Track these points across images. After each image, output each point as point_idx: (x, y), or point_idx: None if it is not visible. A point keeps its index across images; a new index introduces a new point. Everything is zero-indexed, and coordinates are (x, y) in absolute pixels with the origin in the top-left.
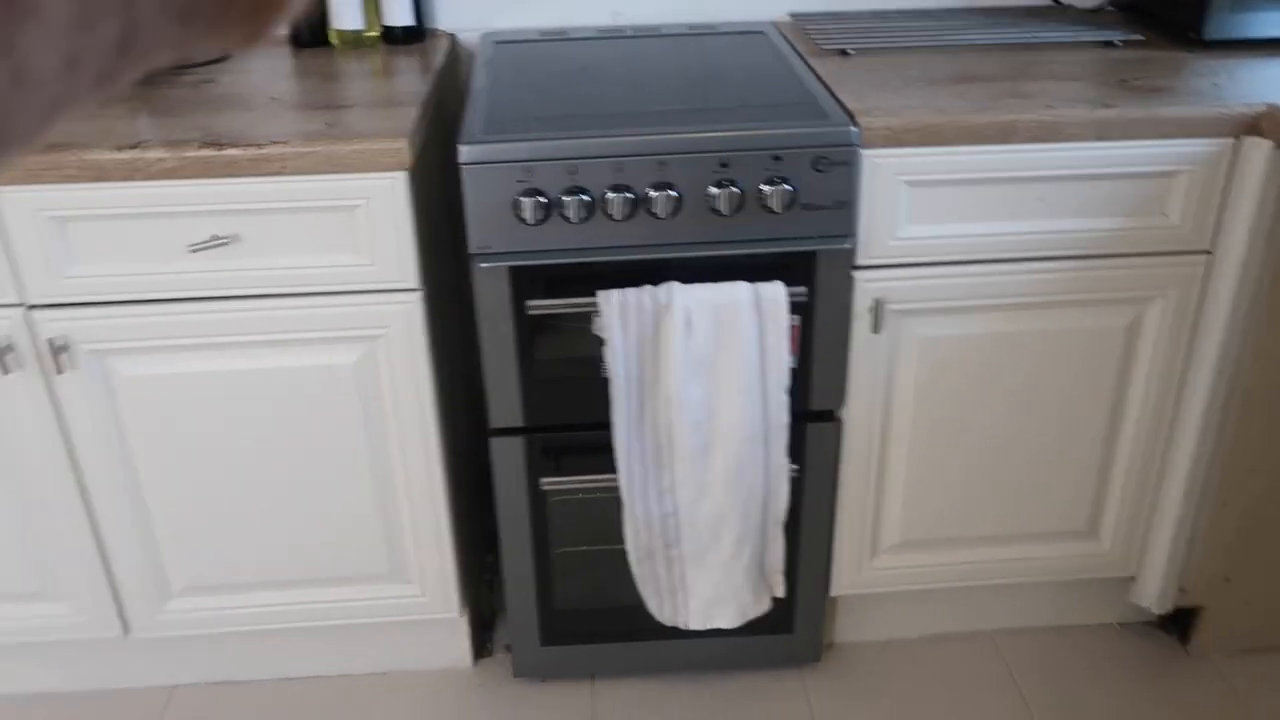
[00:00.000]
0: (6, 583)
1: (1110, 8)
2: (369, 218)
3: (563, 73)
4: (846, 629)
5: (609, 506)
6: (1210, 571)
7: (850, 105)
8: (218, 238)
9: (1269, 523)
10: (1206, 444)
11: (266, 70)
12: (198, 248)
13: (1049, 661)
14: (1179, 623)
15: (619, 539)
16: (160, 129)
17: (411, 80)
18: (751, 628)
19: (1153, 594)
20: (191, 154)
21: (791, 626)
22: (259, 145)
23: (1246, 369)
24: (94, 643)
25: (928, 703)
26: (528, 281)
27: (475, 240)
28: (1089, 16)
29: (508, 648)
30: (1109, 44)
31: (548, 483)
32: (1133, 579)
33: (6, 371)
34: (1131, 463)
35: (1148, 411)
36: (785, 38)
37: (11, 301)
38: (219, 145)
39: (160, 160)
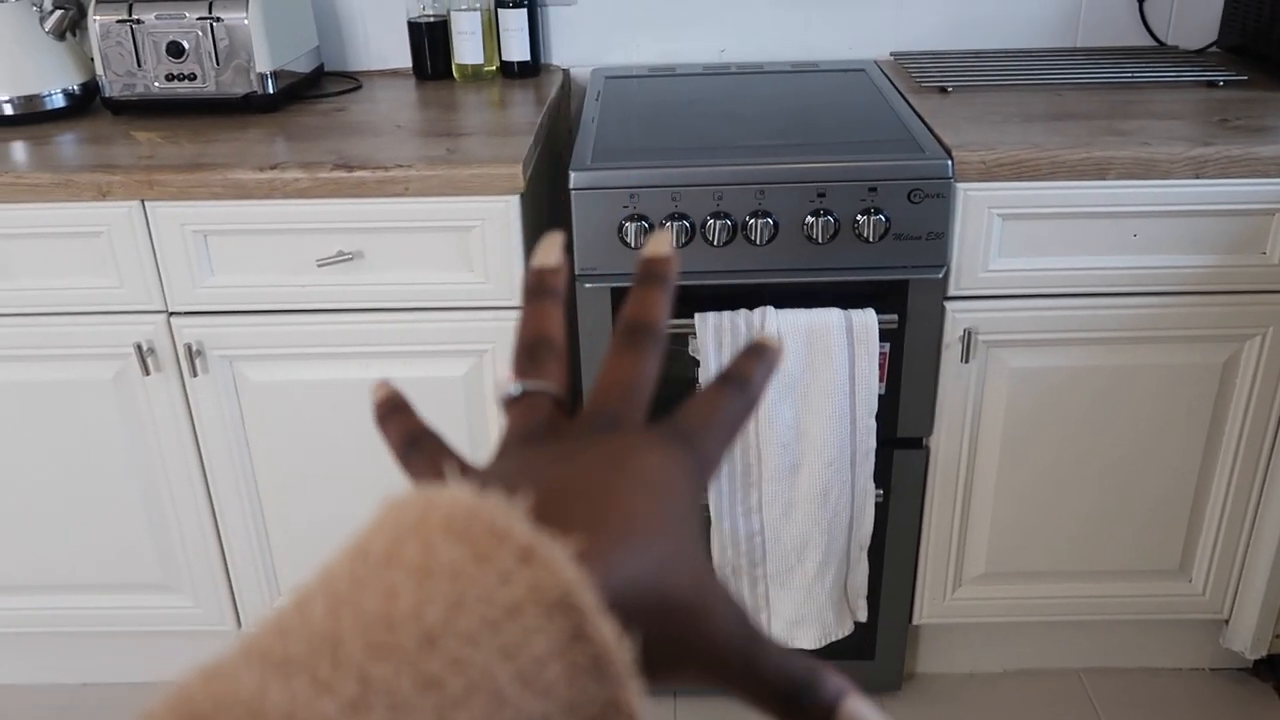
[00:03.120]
0: (135, 572)
1: (1216, 49)
2: (483, 238)
3: (669, 106)
4: (929, 659)
5: None
6: None
7: (946, 139)
8: (343, 253)
9: None
10: None
11: (393, 100)
12: (325, 262)
13: (1137, 703)
14: (1274, 669)
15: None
16: (296, 152)
17: (526, 111)
18: (832, 652)
19: (1245, 638)
20: (324, 175)
21: (873, 653)
22: (385, 168)
23: None
24: (206, 634)
25: None
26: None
27: (581, 262)
28: (1193, 57)
29: None
30: (1212, 84)
31: None
32: (1225, 622)
33: (148, 373)
34: (1225, 502)
35: (1243, 450)
36: (886, 75)
37: (157, 308)
38: (349, 168)
39: (296, 180)
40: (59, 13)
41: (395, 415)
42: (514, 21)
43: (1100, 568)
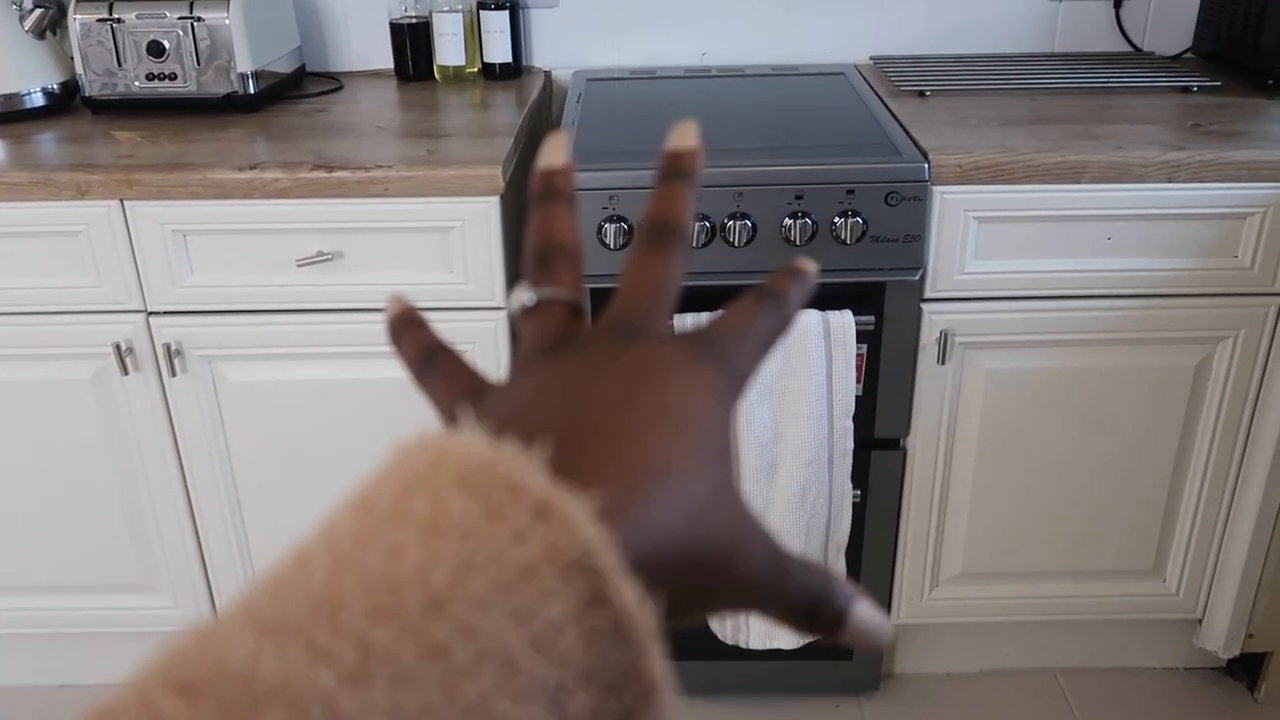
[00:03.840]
0: (114, 573)
1: (1191, 55)
2: (463, 239)
3: (650, 108)
4: (906, 659)
5: None
6: (1279, 615)
7: (923, 143)
8: (323, 254)
9: None
10: (1276, 484)
11: (374, 101)
12: (304, 262)
13: (1113, 702)
14: (1247, 668)
15: None
16: (276, 152)
17: (507, 113)
18: (811, 653)
19: (1219, 637)
20: (304, 175)
21: (850, 654)
22: (365, 169)
23: None
24: None
25: None
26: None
27: None
28: (1169, 63)
29: None
30: (1187, 89)
31: None
32: (1199, 621)
33: (126, 373)
34: (1198, 503)
35: (1215, 451)
36: (865, 79)
37: (136, 308)
38: (329, 168)
39: (276, 180)
40: (39, 11)
41: (409, 331)
42: (496, 23)
43: (1076, 568)
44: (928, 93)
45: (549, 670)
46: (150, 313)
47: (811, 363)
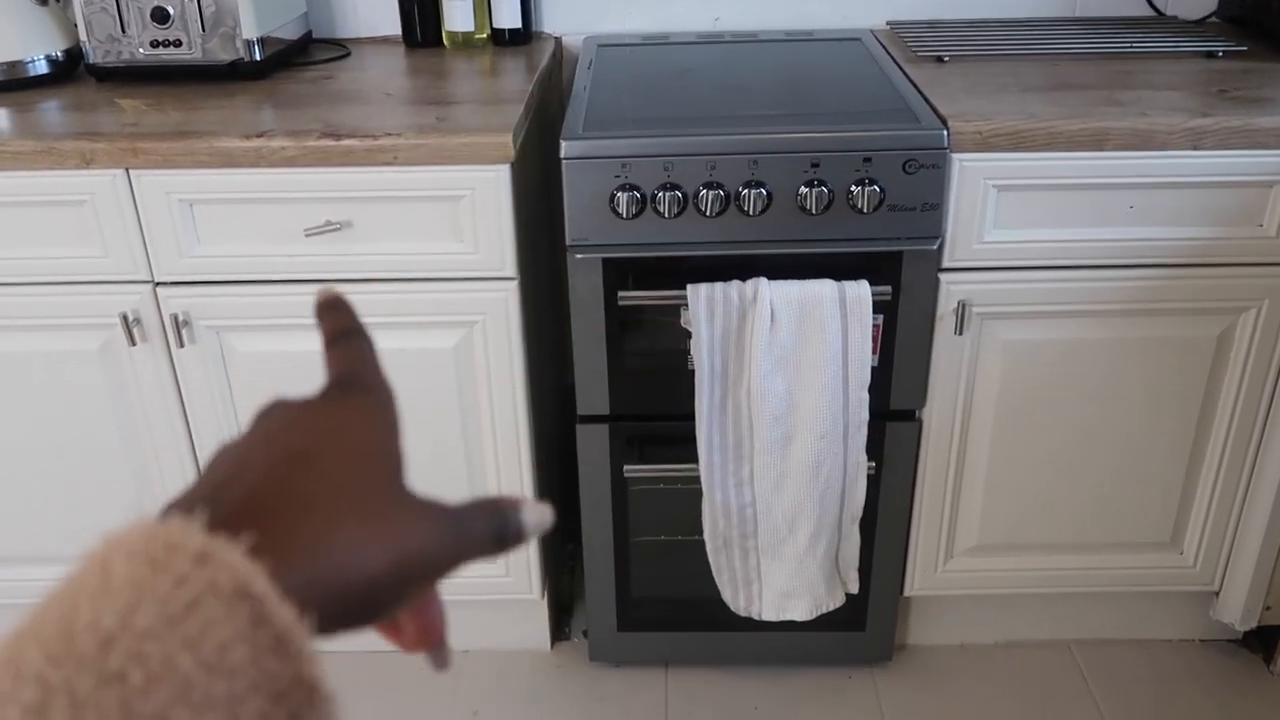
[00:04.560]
0: None
1: (1215, 19)
2: (473, 208)
3: (662, 75)
4: (920, 630)
5: (687, 496)
6: None
7: (942, 109)
8: (331, 223)
9: None
10: None
11: (382, 68)
12: (312, 232)
13: (1127, 674)
14: (1263, 640)
15: (696, 529)
16: (283, 120)
17: (517, 79)
18: (824, 624)
19: (1236, 610)
20: (312, 143)
21: (864, 624)
22: (374, 136)
23: None
24: None
25: (1000, 709)
26: (619, 273)
27: (572, 232)
28: (1192, 27)
29: (585, 633)
30: (1211, 54)
31: (631, 470)
32: (1215, 594)
33: (134, 344)
34: (1217, 475)
35: (1236, 422)
36: (882, 44)
37: (142, 278)
38: (337, 136)
39: (283, 149)
40: None
41: (333, 311)
42: None
43: (1092, 540)
44: (946, 58)
45: (221, 683)
46: (157, 283)
47: (827, 333)
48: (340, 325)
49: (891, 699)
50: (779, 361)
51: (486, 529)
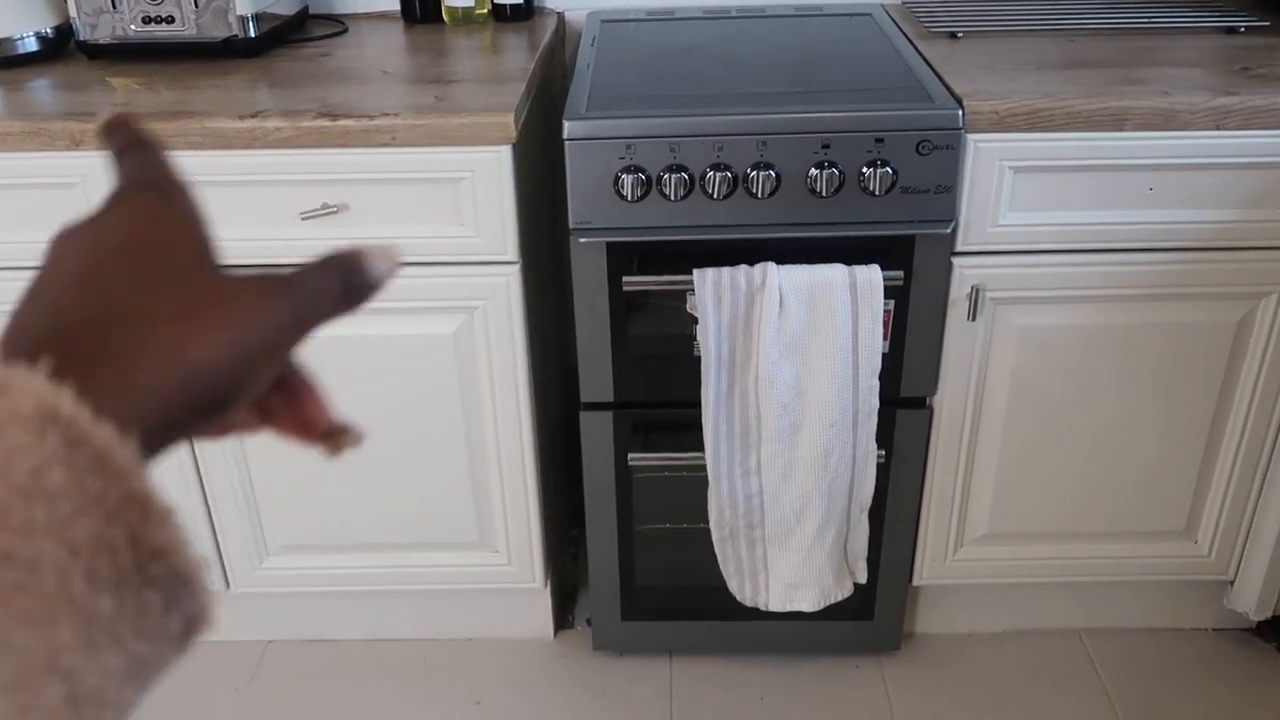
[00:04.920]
0: None
1: None
2: (473, 190)
3: (667, 52)
4: (928, 619)
5: (693, 485)
6: None
7: (956, 88)
8: (328, 206)
9: None
10: None
11: (380, 45)
12: (309, 215)
13: (1138, 663)
14: (1277, 630)
15: (702, 518)
16: (278, 100)
17: (519, 57)
18: (831, 613)
19: (1251, 600)
20: (308, 124)
21: (871, 613)
22: (371, 117)
23: None
24: None
25: (1009, 698)
26: (624, 258)
27: (575, 215)
28: (1213, 1)
29: (588, 621)
30: (1233, 30)
31: (635, 458)
32: (1230, 583)
33: None
34: (1234, 462)
35: (1255, 409)
36: (893, 20)
37: None
38: (333, 116)
39: (278, 129)
40: None
41: (119, 129)
42: None
43: (1105, 529)
44: (959, 34)
45: (40, 507)
46: None
47: (837, 319)
48: (126, 139)
49: (899, 688)
50: (788, 348)
51: (332, 286)
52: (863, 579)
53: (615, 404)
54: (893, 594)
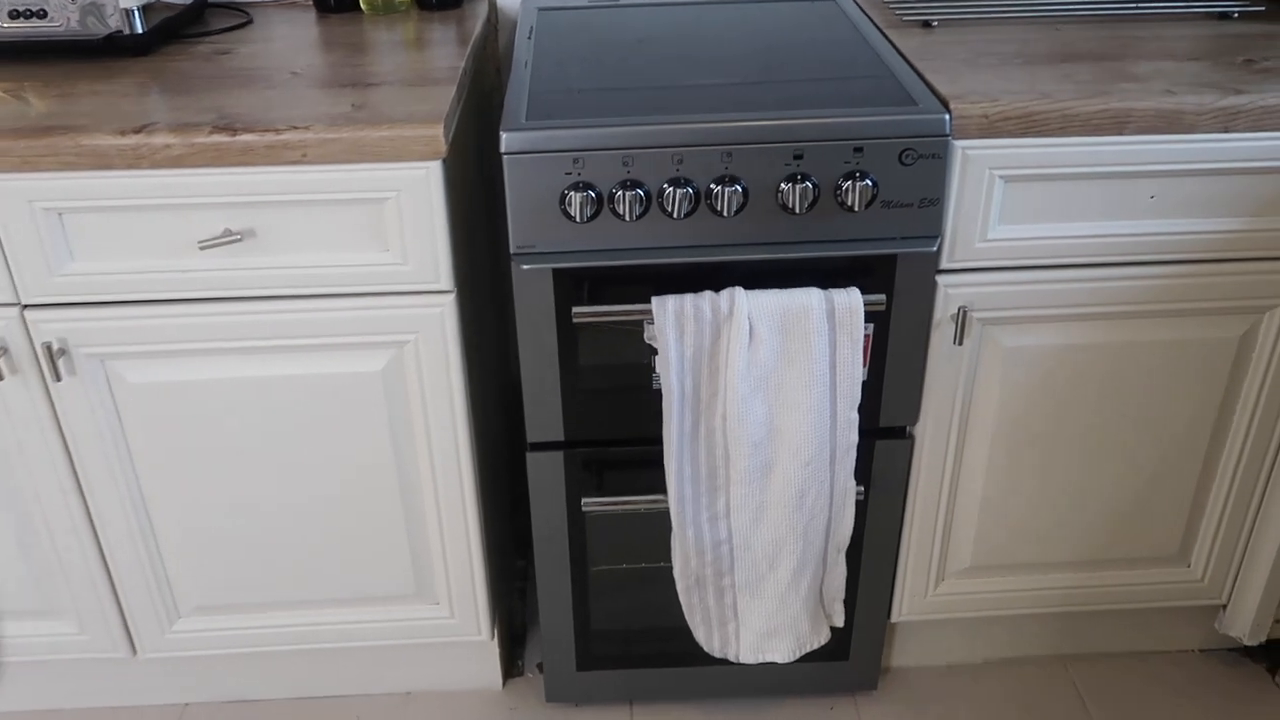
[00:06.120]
0: (9, 599)
1: None
2: (399, 211)
3: (615, 45)
4: (905, 652)
5: (654, 522)
6: None
7: (941, 88)
8: (230, 233)
9: None
10: None
11: (289, 39)
12: (208, 244)
13: (1125, 689)
14: (1267, 651)
15: (663, 556)
16: (169, 110)
17: (447, 53)
18: (805, 655)
19: (1245, 624)
20: (202, 140)
21: (847, 654)
22: (277, 130)
23: None
24: (101, 661)
25: None
26: (573, 285)
27: (517, 239)
28: None
29: (540, 667)
30: (1225, 15)
31: (589, 503)
32: (1223, 607)
33: (1, 377)
34: (1231, 483)
35: (1254, 430)
36: (860, 7)
37: (7, 300)
38: (233, 130)
39: (167, 147)
40: None
41: None
42: None
43: (1095, 556)
44: (934, 23)
45: None
46: (25, 306)
47: (813, 349)
48: None
49: None
50: (759, 382)
51: None
52: (840, 622)
53: (566, 443)
54: (870, 633)
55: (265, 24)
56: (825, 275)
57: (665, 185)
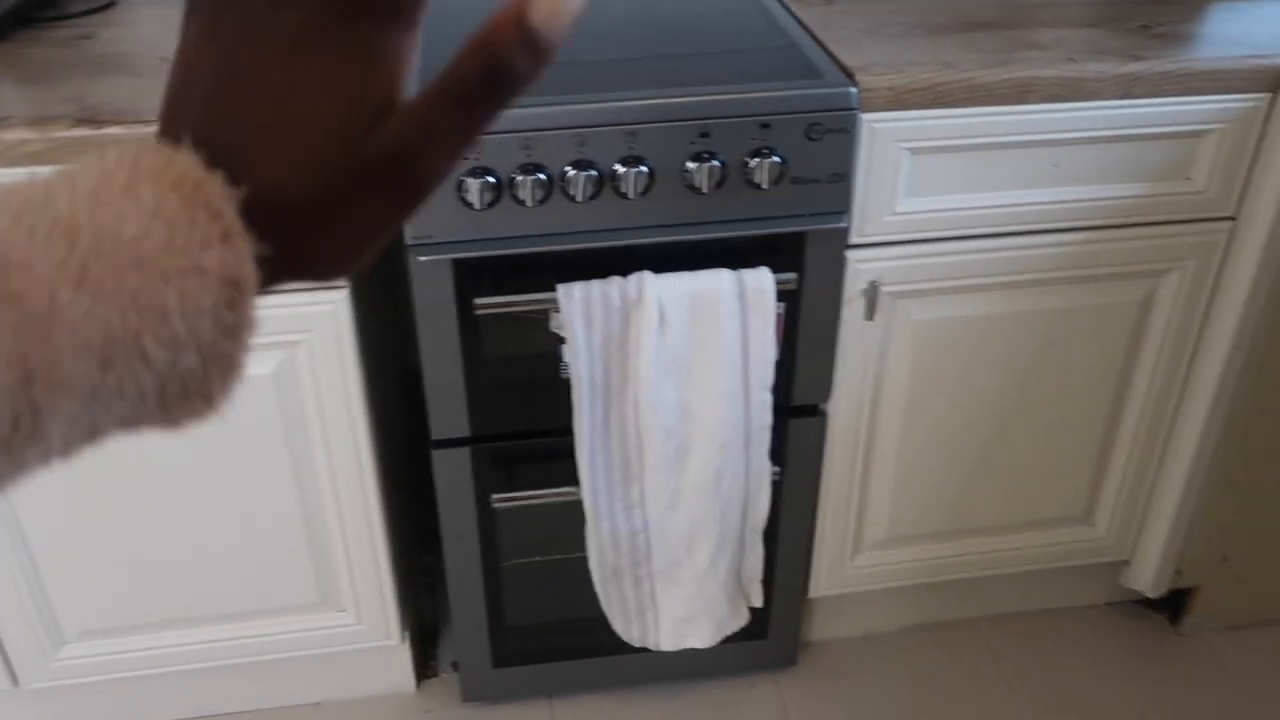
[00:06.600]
0: None
1: None
2: None
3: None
4: (822, 626)
5: (566, 512)
6: (1207, 553)
7: (846, 61)
8: None
9: (1273, 501)
10: (1215, 422)
11: (155, 22)
12: None
13: (1036, 646)
14: (1169, 602)
15: (576, 546)
16: (25, 101)
17: None
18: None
19: (1147, 578)
20: (63, 134)
21: (765, 632)
22: (146, 122)
23: (1263, 343)
24: None
25: (910, 696)
26: (474, 275)
27: (412, 229)
28: None
29: (454, 665)
30: None
31: (499, 499)
32: (1126, 562)
33: None
34: (1134, 445)
35: (1155, 390)
36: None
37: None
38: (97, 123)
39: (23, 143)
40: None
41: None
42: None
43: (1004, 521)
44: None
45: (133, 224)
46: None
47: (724, 332)
48: None
49: (798, 702)
50: (670, 367)
51: (470, 75)
52: (759, 603)
53: (472, 439)
54: (787, 610)
55: (130, 6)
56: (735, 255)
57: (567, 168)
